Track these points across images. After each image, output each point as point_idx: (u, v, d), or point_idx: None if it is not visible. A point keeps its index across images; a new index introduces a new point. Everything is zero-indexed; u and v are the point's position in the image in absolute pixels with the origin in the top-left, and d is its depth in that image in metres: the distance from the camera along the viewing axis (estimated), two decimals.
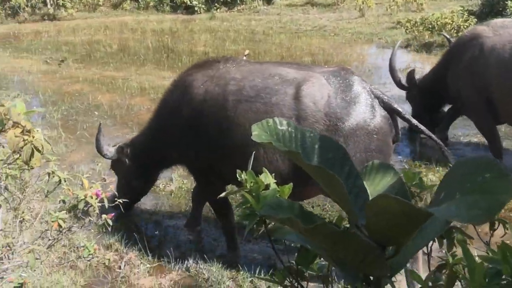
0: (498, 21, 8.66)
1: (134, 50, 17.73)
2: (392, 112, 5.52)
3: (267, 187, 2.25)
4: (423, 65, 13.61)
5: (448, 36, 10.03)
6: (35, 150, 2.68)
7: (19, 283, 3.79)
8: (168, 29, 21.54)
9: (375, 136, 5.31)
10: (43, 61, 16.50)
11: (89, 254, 4.02)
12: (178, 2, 26.07)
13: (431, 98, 9.06)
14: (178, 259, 6.18)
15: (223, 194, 2.42)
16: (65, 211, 3.91)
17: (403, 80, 9.21)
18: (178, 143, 6.11)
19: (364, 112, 5.33)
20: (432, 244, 2.25)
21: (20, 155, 2.71)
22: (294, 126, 1.90)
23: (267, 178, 2.19)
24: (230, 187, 5.99)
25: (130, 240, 6.53)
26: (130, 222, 7.08)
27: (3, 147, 4.44)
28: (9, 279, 3.82)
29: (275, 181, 2.21)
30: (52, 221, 3.80)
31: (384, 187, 2.01)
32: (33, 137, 2.67)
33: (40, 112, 10.69)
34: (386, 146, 5.40)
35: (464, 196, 1.54)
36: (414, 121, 5.70)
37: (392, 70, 9.16)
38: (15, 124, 2.60)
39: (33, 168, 4.29)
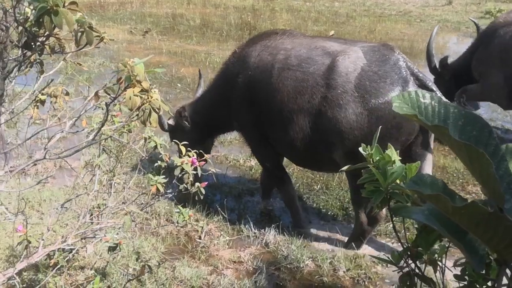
0: None
1: (217, 25, 17.78)
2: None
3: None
4: None
5: (476, 22, 9.62)
6: (152, 110, 2.68)
7: (114, 243, 3.86)
8: (250, 6, 21.48)
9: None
10: (127, 31, 16.78)
11: (183, 220, 4.04)
12: None
13: (461, 82, 8.85)
14: (257, 234, 6.19)
15: (345, 168, 2.35)
16: (163, 177, 3.95)
17: (437, 65, 8.98)
18: (238, 113, 6.38)
19: (393, 88, 5.30)
20: None
21: (137, 114, 2.71)
22: (437, 100, 1.81)
23: (393, 154, 2.11)
24: None
25: (211, 212, 6.58)
26: (211, 195, 7.13)
27: (102, 109, 4.52)
28: (105, 239, 3.89)
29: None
30: (151, 185, 3.84)
31: None
32: (151, 97, 2.67)
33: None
34: (406, 123, 5.33)
35: None
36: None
37: (429, 56, 8.89)
38: (134, 83, 2.60)
39: (130, 132, 4.38)
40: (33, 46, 2.60)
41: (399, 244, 3.45)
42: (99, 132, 2.99)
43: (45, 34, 2.57)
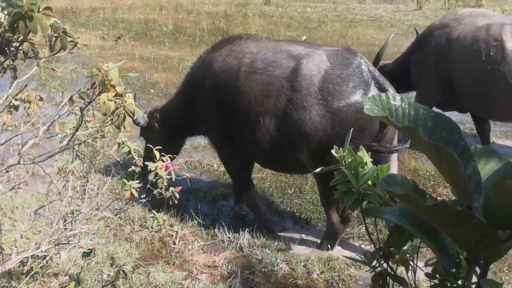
0: (466, 11, 8.89)
1: (190, 31, 17.79)
2: None
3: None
4: None
5: (418, 30, 9.74)
6: (126, 114, 2.69)
7: (88, 249, 3.85)
8: (222, 12, 21.53)
9: (360, 115, 5.41)
10: (100, 37, 16.71)
11: (158, 225, 4.04)
12: None
13: (396, 83, 9.00)
14: (231, 238, 6.20)
15: (318, 170, 2.39)
16: (137, 181, 3.95)
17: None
18: (204, 116, 6.48)
19: (355, 91, 5.46)
20: None
21: (111, 119, 2.72)
22: (407, 102, 1.86)
23: (365, 156, 2.15)
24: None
25: (185, 217, 6.57)
26: (184, 200, 7.12)
27: (75, 114, 4.51)
28: (79, 245, 3.88)
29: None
30: (125, 190, 3.84)
31: (489, 172, 1.96)
32: (125, 101, 2.68)
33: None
34: (369, 125, 5.47)
35: None
36: None
37: (377, 59, 8.90)
38: (108, 88, 2.61)
39: (104, 137, 4.37)
40: (7, 52, 2.59)
41: (372, 246, 3.51)
42: (73, 137, 2.99)
43: (19, 39, 2.57)
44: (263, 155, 6.13)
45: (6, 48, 2.58)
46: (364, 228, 6.27)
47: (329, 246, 5.99)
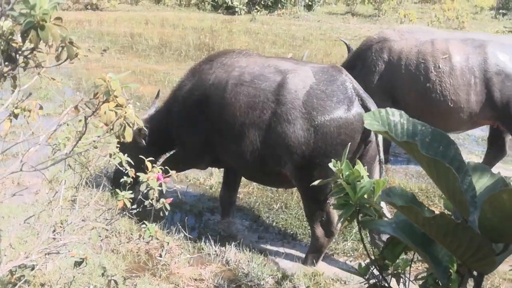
0: (403, 27, 9.08)
1: (175, 45, 17.87)
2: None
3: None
4: None
5: (347, 42, 9.86)
6: (127, 125, 2.73)
7: (80, 258, 3.86)
8: (208, 27, 21.65)
9: (342, 130, 5.59)
10: (85, 49, 16.68)
11: (150, 236, 4.06)
12: (220, 1, 26.30)
13: None
14: (218, 252, 6.22)
15: (316, 183, 2.45)
16: (130, 192, 3.97)
17: None
18: (190, 125, 6.54)
19: (338, 107, 5.60)
20: None
21: (112, 129, 2.76)
22: (406, 118, 1.92)
23: (361, 170, 2.21)
24: None
25: (171, 230, 6.58)
26: (171, 212, 7.12)
27: (68, 125, 4.53)
28: (71, 254, 3.89)
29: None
30: (118, 200, 3.87)
31: (482, 188, 2.03)
32: (126, 112, 2.72)
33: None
34: (352, 140, 5.53)
35: None
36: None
37: None
38: (109, 98, 2.66)
39: (96, 148, 4.39)
40: (17, 59, 2.63)
41: (357, 262, 3.57)
42: (75, 146, 3.03)
43: (22, 49, 2.61)
44: (247, 167, 6.21)
45: (15, 56, 2.61)
46: (348, 244, 6.43)
47: (314, 261, 6.05)
